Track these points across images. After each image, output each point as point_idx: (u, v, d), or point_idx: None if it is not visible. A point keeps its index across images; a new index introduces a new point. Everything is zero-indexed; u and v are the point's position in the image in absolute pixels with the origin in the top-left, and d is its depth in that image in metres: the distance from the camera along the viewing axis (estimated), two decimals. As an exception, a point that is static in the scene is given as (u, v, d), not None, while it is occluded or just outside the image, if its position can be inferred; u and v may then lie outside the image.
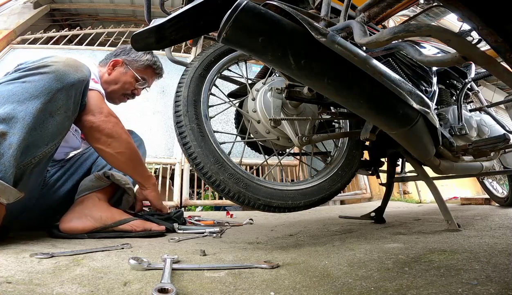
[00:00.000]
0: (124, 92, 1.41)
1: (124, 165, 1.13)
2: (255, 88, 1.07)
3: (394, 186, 1.50)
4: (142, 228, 1.07)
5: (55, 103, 0.87)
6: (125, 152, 1.10)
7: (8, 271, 0.55)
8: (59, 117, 0.89)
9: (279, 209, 0.91)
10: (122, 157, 1.10)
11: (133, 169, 1.16)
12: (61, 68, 0.90)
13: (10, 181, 0.76)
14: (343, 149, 1.15)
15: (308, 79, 0.65)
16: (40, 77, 0.86)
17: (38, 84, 0.84)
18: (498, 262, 0.59)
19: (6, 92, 0.82)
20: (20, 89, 0.82)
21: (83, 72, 0.96)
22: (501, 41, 0.40)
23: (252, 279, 0.55)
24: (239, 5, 0.53)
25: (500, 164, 1.78)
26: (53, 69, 0.88)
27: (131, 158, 1.13)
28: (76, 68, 0.95)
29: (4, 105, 0.79)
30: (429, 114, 0.80)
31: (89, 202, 1.07)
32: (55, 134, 0.90)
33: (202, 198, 3.52)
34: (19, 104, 0.80)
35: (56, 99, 0.87)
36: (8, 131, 0.77)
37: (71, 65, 0.94)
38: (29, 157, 0.85)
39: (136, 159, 1.16)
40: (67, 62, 0.93)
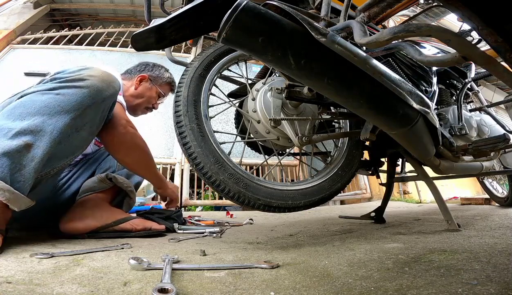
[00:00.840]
0: (147, 106, 1.50)
1: (142, 171, 1.23)
2: (255, 88, 1.07)
3: (394, 186, 1.50)
4: (142, 227, 1.07)
5: (84, 118, 0.88)
6: (143, 160, 1.18)
7: (8, 271, 0.55)
8: (84, 132, 0.91)
9: (279, 209, 0.91)
10: (141, 164, 1.18)
11: (149, 173, 1.26)
12: (96, 84, 0.90)
13: (26, 191, 0.76)
14: (343, 149, 1.15)
15: (308, 79, 0.65)
16: (74, 91, 0.86)
17: (71, 98, 0.84)
18: (498, 262, 0.59)
19: (39, 102, 0.81)
20: (53, 102, 0.82)
21: (115, 89, 0.97)
22: (501, 41, 0.40)
23: (252, 279, 0.55)
24: (239, 5, 0.53)
25: (500, 164, 1.78)
26: (88, 84, 0.88)
27: (148, 164, 1.22)
28: (110, 83, 0.95)
29: (34, 116, 0.79)
30: (429, 114, 0.80)
31: (90, 202, 1.08)
32: (77, 148, 0.93)
33: (202, 198, 3.52)
34: (49, 118, 0.80)
35: (86, 115, 0.88)
36: (34, 144, 0.77)
37: (106, 80, 0.93)
38: (49, 168, 0.86)
39: (152, 164, 1.25)
40: (102, 77, 0.93)
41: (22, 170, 0.75)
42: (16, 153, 0.73)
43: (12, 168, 0.73)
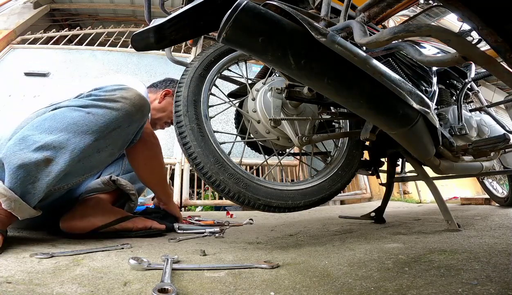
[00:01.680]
0: (167, 121, 1.52)
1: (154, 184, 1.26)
2: (255, 88, 1.07)
3: (394, 186, 1.50)
4: (143, 225, 1.08)
5: (107, 140, 0.88)
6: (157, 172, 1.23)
7: (8, 271, 0.55)
8: (105, 153, 0.91)
9: (279, 209, 0.91)
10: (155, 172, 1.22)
11: (160, 186, 1.29)
12: (126, 107, 0.90)
13: (34, 203, 0.77)
14: (343, 149, 1.15)
15: (308, 79, 0.65)
16: (104, 112, 0.86)
17: (99, 120, 0.85)
18: (498, 262, 0.59)
19: (69, 119, 0.82)
20: (81, 120, 0.83)
21: (143, 113, 0.97)
22: (501, 41, 0.40)
23: (252, 279, 0.55)
24: (239, 5, 0.53)
25: (500, 164, 1.78)
26: (119, 107, 0.89)
27: (161, 177, 1.27)
28: (140, 107, 0.94)
29: (61, 133, 0.80)
30: (429, 114, 0.80)
31: (91, 202, 1.08)
32: (94, 167, 0.93)
33: (202, 198, 3.52)
34: (74, 136, 0.80)
35: (110, 137, 0.88)
36: (54, 160, 0.77)
37: (137, 104, 0.93)
38: (63, 183, 0.86)
39: (164, 178, 1.31)
40: (134, 100, 0.92)
41: (36, 182, 0.75)
42: (34, 166, 0.74)
43: (26, 180, 0.74)
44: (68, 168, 0.80)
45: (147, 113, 1.00)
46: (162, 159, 1.23)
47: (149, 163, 1.16)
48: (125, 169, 1.34)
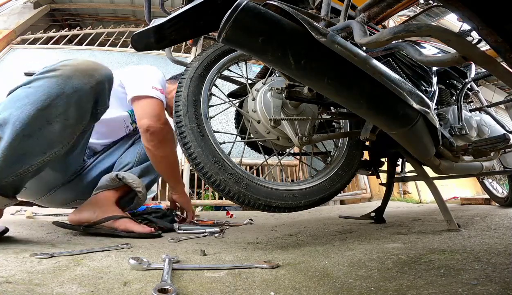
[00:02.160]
0: None
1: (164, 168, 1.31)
2: (255, 88, 1.07)
3: (394, 186, 1.50)
4: (124, 228, 1.08)
5: (53, 110, 0.82)
6: (169, 157, 1.28)
7: (8, 271, 0.55)
8: (58, 125, 0.84)
9: (279, 209, 0.91)
10: (165, 161, 1.28)
11: (170, 173, 1.37)
12: (66, 73, 0.85)
13: (4, 189, 0.79)
14: (343, 149, 1.14)
15: (308, 79, 0.65)
16: (43, 83, 0.83)
17: (38, 90, 0.82)
18: (498, 262, 0.59)
19: (13, 96, 0.82)
20: (23, 94, 0.81)
21: (93, 77, 0.90)
22: (501, 41, 0.40)
23: (252, 279, 0.55)
24: (239, 5, 0.53)
25: (500, 164, 1.78)
26: (57, 74, 0.84)
27: (172, 163, 1.33)
28: (86, 72, 0.88)
29: (5, 110, 0.79)
30: (429, 114, 0.80)
31: (94, 199, 1.16)
32: (54, 142, 0.86)
33: (202, 198, 3.52)
34: (15, 110, 0.78)
35: (55, 105, 0.82)
36: (1, 138, 0.76)
37: (81, 69, 0.88)
38: (26, 165, 0.82)
39: (175, 165, 1.36)
40: (77, 66, 0.88)
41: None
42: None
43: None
44: (15, 143, 0.76)
45: (102, 77, 0.93)
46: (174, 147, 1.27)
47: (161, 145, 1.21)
48: (139, 159, 1.34)
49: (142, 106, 1.21)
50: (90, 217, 1.09)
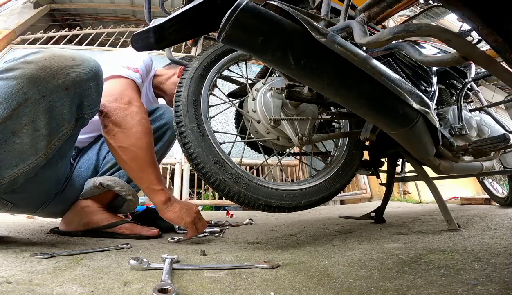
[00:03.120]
0: None
1: (126, 165, 0.94)
2: (255, 88, 1.07)
3: (394, 186, 1.50)
4: (130, 232, 1.06)
5: (17, 120, 0.69)
6: (128, 148, 0.91)
7: (8, 271, 0.55)
8: (27, 136, 0.71)
9: (279, 209, 0.91)
10: (125, 154, 0.92)
11: (137, 173, 0.95)
12: (28, 73, 0.68)
13: None
14: (343, 148, 1.14)
15: (308, 79, 0.65)
16: (1, 85, 0.68)
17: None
18: (498, 262, 0.59)
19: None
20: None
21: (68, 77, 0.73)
22: (501, 41, 0.40)
23: (252, 279, 0.55)
24: (239, 5, 0.53)
25: (500, 164, 1.78)
26: (17, 75, 0.68)
27: (136, 158, 0.92)
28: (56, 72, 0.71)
29: None
30: (429, 114, 0.80)
31: (81, 207, 1.06)
32: (25, 155, 0.73)
33: (202, 198, 3.52)
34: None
35: (18, 115, 0.68)
36: None
37: (49, 67, 0.71)
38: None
39: (143, 161, 0.93)
40: (45, 63, 0.71)
41: None
42: None
43: None
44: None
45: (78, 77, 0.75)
46: (140, 132, 0.92)
47: (117, 134, 0.91)
48: None
49: (105, 88, 0.90)
50: (77, 227, 1.04)
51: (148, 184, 0.96)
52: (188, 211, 0.96)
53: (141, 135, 0.94)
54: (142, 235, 1.06)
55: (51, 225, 1.16)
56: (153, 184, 0.96)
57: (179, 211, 0.95)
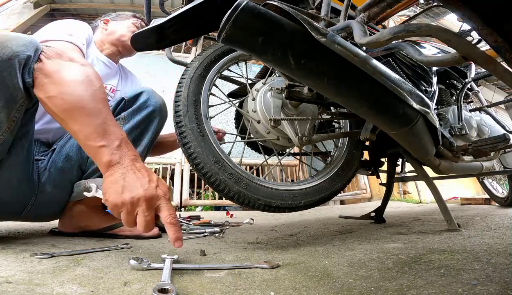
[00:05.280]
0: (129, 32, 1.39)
1: (58, 118, 0.72)
2: (255, 88, 1.07)
3: (394, 186, 1.50)
4: (130, 233, 1.05)
5: None
6: (57, 97, 0.70)
7: (8, 271, 0.55)
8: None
9: (279, 209, 0.91)
10: (54, 104, 0.71)
11: (70, 126, 0.70)
12: None
13: None
14: (343, 149, 1.15)
15: (308, 79, 0.65)
16: None
17: None
18: (498, 262, 0.59)
19: None
20: None
21: (8, 48, 0.72)
22: (501, 41, 0.40)
23: (252, 279, 0.55)
24: (239, 5, 0.53)
25: (500, 164, 1.78)
26: None
27: (66, 107, 0.69)
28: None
29: None
30: (429, 114, 0.80)
31: (76, 211, 1.04)
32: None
33: (202, 198, 3.52)
34: None
35: None
36: None
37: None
38: None
39: (76, 109, 0.69)
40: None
41: None
42: None
43: None
44: None
45: (17, 48, 0.73)
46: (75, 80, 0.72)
47: (46, 85, 0.73)
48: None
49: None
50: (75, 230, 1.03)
51: (84, 140, 0.68)
52: (132, 187, 0.61)
53: (77, 83, 0.73)
54: (143, 236, 1.06)
55: (51, 225, 1.16)
56: (90, 139, 0.67)
57: (117, 184, 0.62)
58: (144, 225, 0.60)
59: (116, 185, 0.61)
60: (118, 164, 0.65)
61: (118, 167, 0.64)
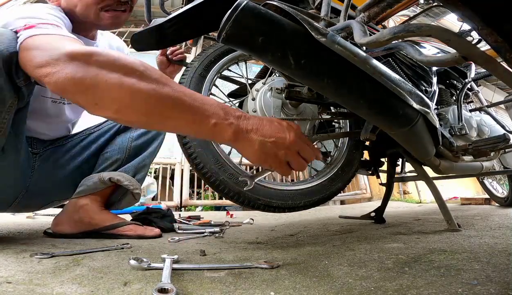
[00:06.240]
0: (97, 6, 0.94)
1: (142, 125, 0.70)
2: (255, 88, 1.07)
3: (394, 186, 1.50)
4: (133, 233, 1.05)
5: None
6: (122, 111, 0.57)
7: (8, 271, 0.56)
8: None
9: (279, 209, 0.91)
10: (126, 119, 0.60)
11: (164, 128, 0.69)
12: None
13: None
14: (343, 149, 1.15)
15: (308, 79, 0.65)
16: None
17: None
18: (498, 262, 0.59)
19: None
20: None
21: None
22: (501, 41, 0.40)
23: (252, 279, 0.55)
24: (239, 5, 0.53)
25: (500, 164, 1.78)
26: None
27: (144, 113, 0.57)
28: None
29: None
30: (429, 114, 0.80)
31: (80, 206, 1.03)
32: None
33: (202, 198, 3.52)
34: None
35: None
36: None
37: None
38: None
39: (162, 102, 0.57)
40: None
41: None
42: None
43: None
44: None
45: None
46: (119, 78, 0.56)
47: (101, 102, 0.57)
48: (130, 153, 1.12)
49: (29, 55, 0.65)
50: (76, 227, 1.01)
51: (189, 132, 0.65)
52: (274, 145, 0.60)
53: (125, 78, 0.57)
54: (145, 236, 1.06)
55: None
56: (198, 125, 0.58)
57: (259, 146, 0.60)
58: (300, 165, 0.64)
59: (262, 148, 0.60)
60: (240, 129, 0.59)
61: (243, 132, 0.60)
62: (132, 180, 1.09)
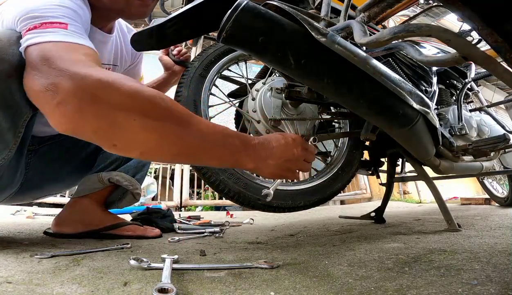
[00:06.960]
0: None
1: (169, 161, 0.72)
2: (255, 88, 1.07)
3: (394, 186, 1.50)
4: (133, 233, 1.05)
5: None
6: (148, 153, 0.56)
7: (8, 271, 0.56)
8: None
9: (279, 209, 0.91)
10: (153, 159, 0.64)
11: (199, 162, 0.70)
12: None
13: None
14: (343, 149, 1.15)
15: (308, 79, 0.65)
16: None
17: None
18: (498, 262, 0.59)
19: None
20: None
21: (5, 61, 0.61)
22: (501, 41, 0.40)
23: (252, 279, 0.55)
24: (239, 5, 0.53)
25: (500, 164, 1.78)
26: None
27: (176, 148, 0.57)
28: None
29: None
30: (429, 114, 0.80)
31: (80, 206, 1.04)
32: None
33: (202, 198, 3.52)
34: None
35: None
36: None
37: None
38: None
39: (189, 146, 0.58)
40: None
41: None
42: None
43: None
44: None
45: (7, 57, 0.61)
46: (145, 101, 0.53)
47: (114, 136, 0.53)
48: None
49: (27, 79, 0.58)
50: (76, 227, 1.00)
51: (217, 165, 0.73)
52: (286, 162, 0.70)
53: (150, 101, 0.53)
54: (146, 236, 1.06)
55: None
56: (223, 160, 0.64)
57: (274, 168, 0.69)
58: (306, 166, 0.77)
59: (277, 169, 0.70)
60: (257, 161, 0.67)
61: (260, 161, 0.68)
62: (132, 180, 1.09)
